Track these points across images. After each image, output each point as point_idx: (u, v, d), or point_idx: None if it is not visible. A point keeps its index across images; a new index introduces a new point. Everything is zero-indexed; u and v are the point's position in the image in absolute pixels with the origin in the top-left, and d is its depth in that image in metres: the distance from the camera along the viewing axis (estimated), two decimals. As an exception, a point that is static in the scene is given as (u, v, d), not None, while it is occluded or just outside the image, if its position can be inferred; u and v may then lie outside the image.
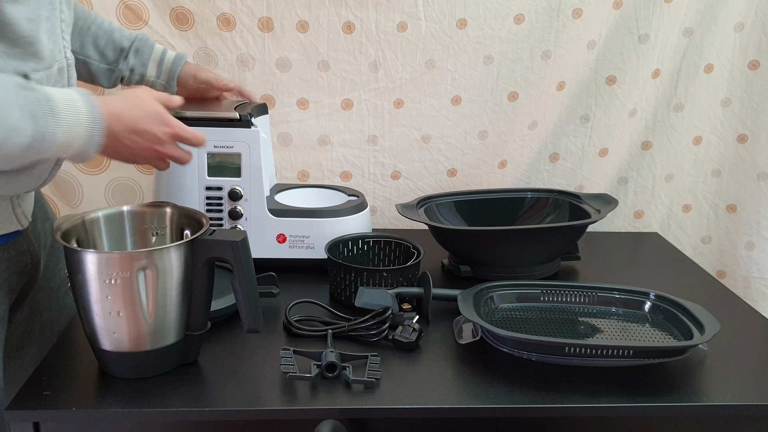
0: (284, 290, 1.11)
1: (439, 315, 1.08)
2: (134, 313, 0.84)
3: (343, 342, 0.99)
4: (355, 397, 0.87)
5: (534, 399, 0.87)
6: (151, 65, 1.17)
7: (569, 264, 1.34)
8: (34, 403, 0.83)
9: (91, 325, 0.86)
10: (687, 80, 1.52)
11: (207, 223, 0.90)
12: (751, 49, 1.50)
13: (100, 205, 1.47)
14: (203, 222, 0.90)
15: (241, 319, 0.91)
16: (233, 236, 0.87)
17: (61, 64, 0.89)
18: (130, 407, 0.84)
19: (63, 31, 0.90)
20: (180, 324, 0.89)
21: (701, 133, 1.58)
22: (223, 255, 0.87)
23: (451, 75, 1.45)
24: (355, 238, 1.23)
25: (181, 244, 0.86)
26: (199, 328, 0.91)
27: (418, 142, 1.50)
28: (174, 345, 0.89)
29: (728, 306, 1.18)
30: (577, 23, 1.43)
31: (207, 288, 0.90)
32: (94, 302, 0.84)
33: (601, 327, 1.05)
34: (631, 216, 1.63)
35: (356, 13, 1.39)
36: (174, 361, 0.91)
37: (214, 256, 0.88)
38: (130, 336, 0.86)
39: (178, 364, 0.92)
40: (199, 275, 0.88)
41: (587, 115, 1.53)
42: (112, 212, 0.95)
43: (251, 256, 0.89)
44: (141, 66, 1.16)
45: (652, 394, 0.89)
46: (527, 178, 1.56)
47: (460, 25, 1.41)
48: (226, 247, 0.86)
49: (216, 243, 0.86)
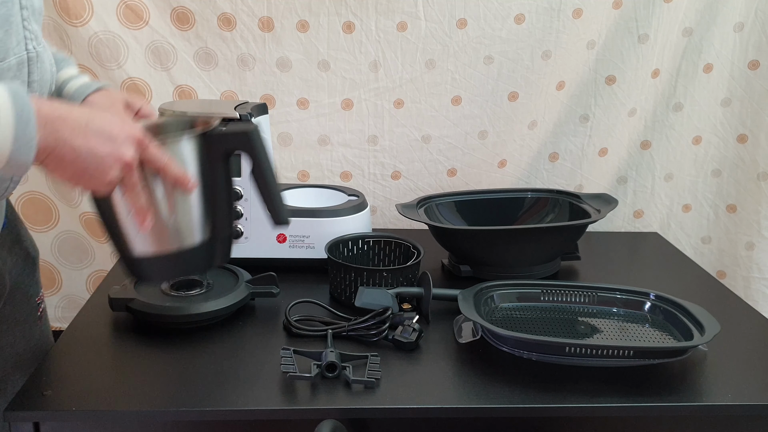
0: (284, 290, 1.11)
1: (439, 315, 1.08)
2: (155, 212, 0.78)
3: (343, 342, 0.99)
4: (355, 397, 0.87)
5: (534, 399, 0.87)
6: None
7: (569, 264, 1.34)
8: (34, 403, 0.83)
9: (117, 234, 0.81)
10: (686, 80, 1.52)
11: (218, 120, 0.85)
12: (751, 49, 1.50)
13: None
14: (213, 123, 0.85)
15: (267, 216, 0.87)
16: (245, 127, 0.84)
17: (21, 57, 0.76)
18: (130, 407, 0.84)
19: (24, 20, 0.77)
20: (203, 224, 0.84)
21: (701, 133, 1.58)
22: (237, 146, 0.84)
23: (451, 75, 1.45)
24: (355, 238, 1.23)
25: (194, 136, 0.80)
26: (223, 229, 0.87)
27: (418, 142, 1.50)
28: (200, 247, 0.84)
29: (728, 306, 1.19)
30: (577, 23, 1.43)
31: (226, 186, 0.86)
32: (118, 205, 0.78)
33: (601, 327, 1.05)
34: (630, 216, 1.63)
35: (356, 13, 1.39)
36: (202, 263, 0.87)
37: (229, 149, 0.84)
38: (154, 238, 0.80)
39: (207, 268, 0.88)
40: (217, 172, 0.84)
41: (587, 114, 1.53)
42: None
43: (265, 147, 0.85)
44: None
45: (652, 394, 0.89)
46: (527, 178, 1.56)
47: (460, 25, 1.41)
48: (239, 137, 0.83)
49: (228, 135, 0.83)
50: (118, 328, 1.04)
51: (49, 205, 1.45)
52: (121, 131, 0.71)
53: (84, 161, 0.69)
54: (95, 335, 1.02)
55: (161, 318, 1.01)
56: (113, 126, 0.70)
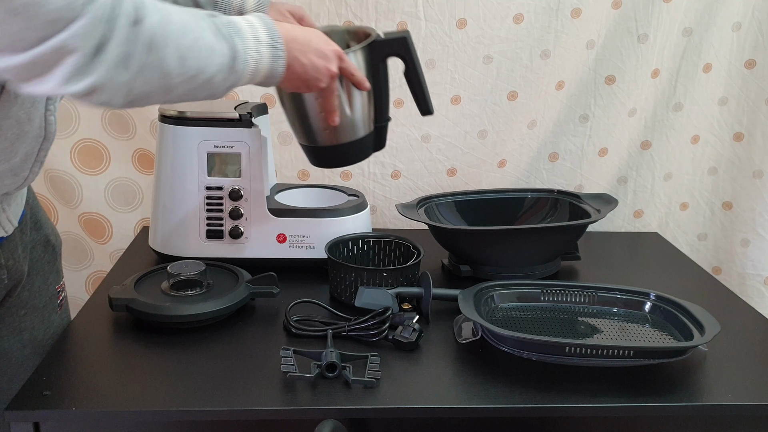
0: (284, 290, 1.11)
1: (439, 315, 1.08)
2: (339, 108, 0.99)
3: (343, 342, 0.99)
4: (355, 397, 0.87)
5: (534, 399, 0.87)
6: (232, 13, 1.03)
7: (569, 264, 1.34)
8: (34, 403, 0.83)
9: (308, 127, 1.04)
10: (686, 80, 1.52)
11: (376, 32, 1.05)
12: (747, 48, 1.51)
13: (99, 205, 1.47)
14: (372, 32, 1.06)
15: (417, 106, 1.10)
16: (402, 33, 1.06)
17: None
18: (130, 407, 0.84)
19: None
20: (370, 118, 1.07)
21: (699, 132, 1.58)
22: (395, 50, 1.05)
23: (450, 74, 1.45)
24: (355, 238, 1.23)
25: (363, 48, 1.01)
26: (384, 119, 1.09)
27: (417, 142, 1.50)
28: (368, 137, 1.07)
29: (728, 306, 1.19)
30: (576, 23, 1.43)
31: (386, 83, 1.07)
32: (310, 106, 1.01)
33: (601, 327, 1.05)
34: (630, 215, 1.63)
35: (356, 13, 1.39)
36: (367, 150, 1.10)
37: (390, 52, 1.05)
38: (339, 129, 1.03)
39: (370, 155, 1.11)
40: (380, 71, 1.05)
41: (587, 114, 1.53)
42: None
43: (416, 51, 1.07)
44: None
45: (652, 394, 0.89)
46: (527, 178, 1.56)
47: (460, 24, 1.41)
48: (397, 43, 1.05)
49: (390, 41, 1.05)
50: (118, 328, 1.04)
51: (48, 207, 1.45)
52: (328, 49, 0.91)
53: (306, 73, 0.88)
54: (95, 335, 1.02)
55: (161, 318, 1.01)
56: (324, 45, 0.90)
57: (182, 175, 1.20)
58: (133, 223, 1.50)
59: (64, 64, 0.65)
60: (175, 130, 1.20)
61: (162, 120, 1.21)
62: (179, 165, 1.21)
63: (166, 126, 1.21)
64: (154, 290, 1.07)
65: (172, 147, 1.21)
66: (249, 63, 0.80)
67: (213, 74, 0.76)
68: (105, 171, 1.45)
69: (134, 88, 0.70)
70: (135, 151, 1.46)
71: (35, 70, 0.65)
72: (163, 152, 1.23)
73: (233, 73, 0.79)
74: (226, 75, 0.78)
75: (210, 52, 0.75)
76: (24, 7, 0.61)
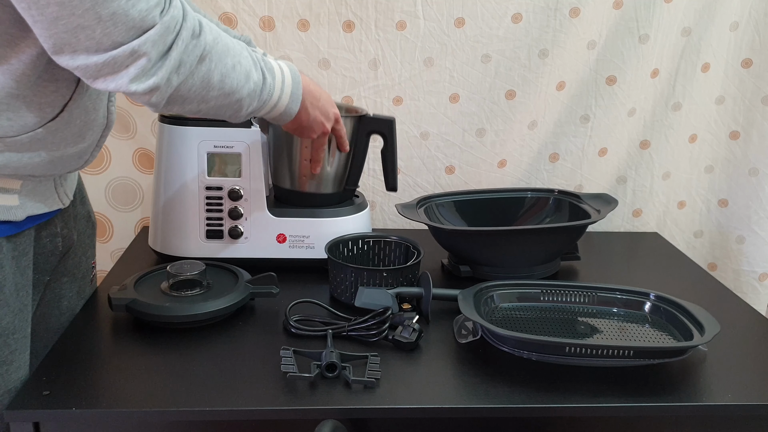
0: (284, 290, 1.11)
1: (439, 315, 1.08)
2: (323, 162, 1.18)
3: (343, 342, 0.99)
4: (355, 397, 0.87)
5: (534, 399, 0.87)
6: None
7: (569, 264, 1.34)
8: (34, 403, 0.83)
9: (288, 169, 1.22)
10: (685, 79, 1.52)
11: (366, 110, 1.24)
12: (744, 48, 1.51)
13: (100, 204, 1.47)
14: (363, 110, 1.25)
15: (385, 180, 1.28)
16: (387, 117, 1.23)
17: None
18: (130, 407, 0.84)
19: None
20: (343, 179, 1.25)
21: (697, 131, 1.58)
22: (380, 128, 1.23)
23: (449, 73, 1.46)
24: (355, 238, 1.23)
25: (357, 117, 1.22)
26: (353, 183, 1.27)
27: (416, 139, 1.50)
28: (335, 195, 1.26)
29: (728, 306, 1.19)
30: (575, 23, 1.43)
31: (363, 154, 1.25)
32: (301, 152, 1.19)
33: (600, 327, 1.05)
34: (629, 215, 1.64)
35: (356, 12, 1.39)
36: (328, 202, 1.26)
37: (374, 129, 1.23)
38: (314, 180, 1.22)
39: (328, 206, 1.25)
40: (360, 143, 1.23)
41: (587, 115, 1.53)
42: None
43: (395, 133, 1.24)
44: None
45: (652, 394, 0.89)
46: (527, 178, 1.57)
47: (459, 23, 1.41)
48: (384, 122, 1.23)
49: (377, 119, 1.23)
50: (118, 328, 1.04)
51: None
52: (331, 110, 1.08)
53: (308, 122, 1.03)
54: (95, 335, 1.02)
55: (161, 318, 1.01)
56: (330, 107, 1.07)
57: (182, 175, 1.20)
58: (133, 223, 1.50)
59: (134, 66, 0.73)
60: (175, 130, 1.20)
61: (162, 120, 1.21)
62: (179, 165, 1.20)
63: (166, 126, 1.21)
64: (154, 290, 1.07)
65: (172, 147, 1.21)
66: (273, 96, 0.92)
67: (243, 96, 0.87)
68: (106, 170, 1.45)
69: (178, 91, 0.79)
70: (135, 151, 1.46)
71: (107, 69, 0.73)
72: (163, 152, 1.23)
73: (259, 101, 0.90)
74: (253, 100, 0.89)
75: (246, 77, 0.86)
76: (109, 15, 0.69)
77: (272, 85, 0.91)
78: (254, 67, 0.88)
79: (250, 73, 0.86)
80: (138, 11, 0.71)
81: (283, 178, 1.24)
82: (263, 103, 0.92)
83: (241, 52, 0.85)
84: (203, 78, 0.80)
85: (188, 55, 0.77)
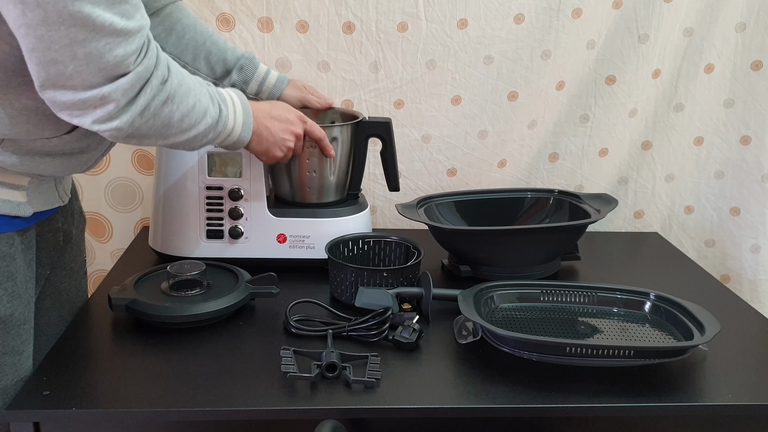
0: (284, 290, 1.11)
1: (439, 315, 1.08)
2: (324, 172, 1.22)
3: (343, 342, 0.99)
4: (355, 397, 0.87)
5: (534, 399, 0.87)
6: (253, 83, 1.21)
7: (569, 264, 1.34)
8: (34, 403, 0.83)
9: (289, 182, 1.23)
10: (687, 80, 1.52)
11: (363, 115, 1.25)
12: (754, 50, 1.50)
13: (99, 205, 1.47)
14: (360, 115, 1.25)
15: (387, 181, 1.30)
16: (384, 119, 1.25)
17: None
18: (130, 407, 0.84)
19: None
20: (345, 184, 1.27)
21: (703, 134, 1.57)
22: (378, 131, 1.25)
23: (451, 75, 1.45)
24: (355, 238, 1.23)
25: (354, 123, 1.23)
26: (355, 188, 1.29)
27: (418, 142, 1.50)
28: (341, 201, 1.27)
29: (728, 306, 1.19)
30: (576, 23, 1.43)
31: (363, 159, 1.27)
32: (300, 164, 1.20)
33: (601, 327, 1.05)
34: (631, 216, 1.63)
35: (356, 13, 1.39)
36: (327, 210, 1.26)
37: (371, 133, 1.25)
38: (317, 190, 1.24)
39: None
40: (359, 148, 1.25)
41: (587, 114, 1.53)
42: None
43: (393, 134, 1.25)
44: (242, 83, 1.20)
45: (652, 394, 0.89)
46: (527, 178, 1.56)
47: (461, 25, 1.41)
48: (380, 125, 1.25)
49: (374, 123, 1.25)
50: (118, 328, 1.04)
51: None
52: (291, 115, 1.08)
53: (273, 135, 1.05)
54: (95, 335, 1.02)
55: (161, 318, 1.01)
56: (287, 113, 1.08)
57: (182, 175, 1.21)
58: (133, 223, 1.50)
59: (101, 109, 0.76)
60: (175, 130, 1.20)
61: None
62: (180, 165, 1.21)
63: (166, 126, 1.21)
64: (154, 290, 1.07)
65: (172, 147, 1.21)
66: (227, 127, 0.96)
67: (200, 132, 0.90)
68: (105, 171, 1.45)
69: (139, 131, 0.81)
70: (134, 152, 1.46)
71: (75, 107, 0.75)
72: (163, 152, 1.23)
73: (215, 132, 0.94)
74: (209, 133, 0.92)
75: (204, 114, 0.89)
76: (84, 55, 0.71)
77: (227, 116, 0.95)
78: (211, 103, 0.91)
79: (207, 109, 0.90)
80: (114, 56, 0.72)
81: (285, 191, 1.25)
82: (218, 134, 0.95)
83: (200, 90, 0.89)
84: (165, 119, 0.83)
85: (154, 100, 0.80)
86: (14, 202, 0.87)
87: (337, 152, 1.21)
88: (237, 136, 0.98)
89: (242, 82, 1.19)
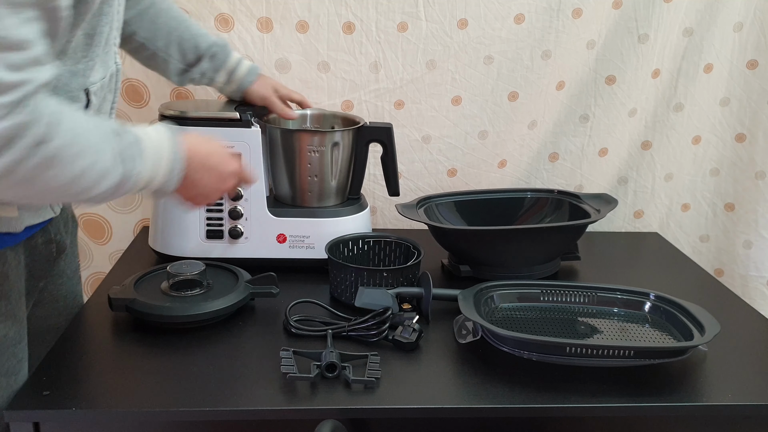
0: (284, 290, 1.11)
1: (439, 315, 1.08)
2: (324, 176, 1.22)
3: (343, 342, 0.99)
4: (355, 397, 0.87)
5: (534, 399, 0.87)
6: (222, 73, 1.18)
7: (569, 264, 1.34)
8: (34, 403, 0.83)
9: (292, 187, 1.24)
10: (687, 80, 1.52)
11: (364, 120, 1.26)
12: (749, 49, 1.50)
13: (98, 206, 1.47)
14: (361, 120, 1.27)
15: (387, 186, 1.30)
16: (385, 125, 1.26)
17: (112, 70, 0.91)
18: (130, 407, 0.84)
19: (115, 38, 0.91)
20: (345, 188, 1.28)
21: (700, 132, 1.58)
22: (379, 136, 1.25)
23: (451, 75, 1.45)
24: (355, 238, 1.23)
25: (355, 128, 1.24)
26: (356, 192, 1.30)
27: (418, 143, 1.50)
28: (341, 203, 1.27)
29: (728, 306, 1.19)
30: (576, 23, 1.43)
31: (363, 163, 1.28)
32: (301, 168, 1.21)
33: (600, 327, 1.05)
34: (630, 216, 1.63)
35: (356, 13, 1.39)
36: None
37: (372, 138, 1.25)
38: (318, 194, 1.24)
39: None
40: (360, 153, 1.26)
41: (587, 114, 1.53)
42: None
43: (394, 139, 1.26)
44: (212, 71, 1.18)
45: (652, 394, 0.89)
46: (527, 178, 1.56)
47: (461, 25, 1.41)
48: (381, 130, 1.25)
49: (375, 128, 1.26)
50: (118, 328, 1.04)
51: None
52: (228, 166, 0.94)
53: (204, 187, 0.91)
54: (95, 335, 1.02)
55: (161, 318, 1.01)
56: (224, 163, 0.94)
57: (182, 175, 1.20)
58: (132, 224, 1.50)
59: None
60: (175, 130, 1.20)
61: (162, 120, 1.21)
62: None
63: (166, 126, 1.21)
64: (154, 290, 1.07)
65: (172, 147, 1.21)
66: (139, 183, 0.81)
67: (96, 194, 0.77)
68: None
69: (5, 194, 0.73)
70: (135, 152, 1.45)
71: None
72: (163, 152, 1.23)
73: (117, 193, 0.80)
74: (109, 195, 0.79)
75: (101, 177, 0.76)
76: None
77: (138, 173, 0.80)
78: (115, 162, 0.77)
79: (107, 172, 0.76)
80: None
81: (285, 194, 1.26)
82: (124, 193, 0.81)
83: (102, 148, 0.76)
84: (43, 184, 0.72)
85: (22, 164, 0.68)
86: (5, 218, 0.84)
87: (338, 157, 1.22)
88: (157, 187, 0.84)
89: (212, 70, 1.18)
